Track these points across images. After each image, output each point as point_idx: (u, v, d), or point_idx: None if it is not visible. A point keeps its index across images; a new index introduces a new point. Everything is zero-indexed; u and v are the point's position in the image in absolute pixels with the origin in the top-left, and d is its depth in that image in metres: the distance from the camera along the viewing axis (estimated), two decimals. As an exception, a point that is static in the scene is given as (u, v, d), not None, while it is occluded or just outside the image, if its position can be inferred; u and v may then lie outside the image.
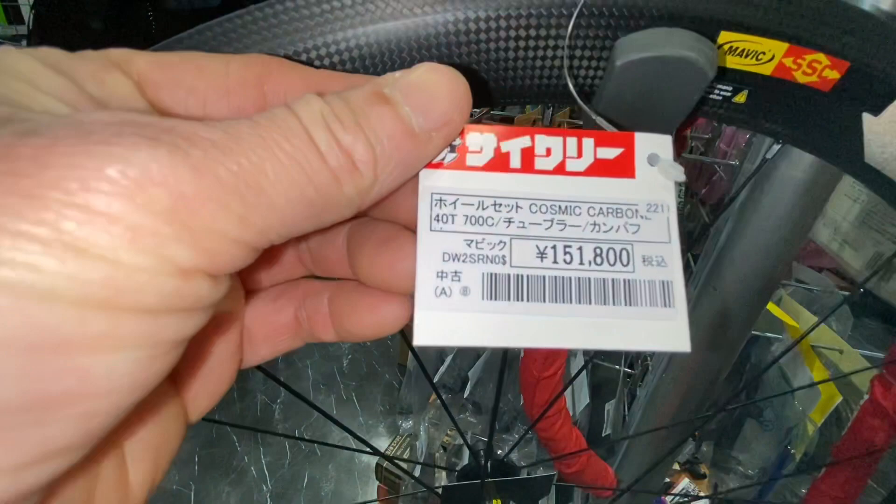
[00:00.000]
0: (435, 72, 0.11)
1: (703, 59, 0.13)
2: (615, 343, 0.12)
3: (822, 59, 0.16)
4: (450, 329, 0.12)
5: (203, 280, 0.09)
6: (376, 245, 0.13)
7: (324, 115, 0.10)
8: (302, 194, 0.09)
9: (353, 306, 0.13)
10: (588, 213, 0.13)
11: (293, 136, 0.09)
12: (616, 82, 0.14)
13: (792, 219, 0.36)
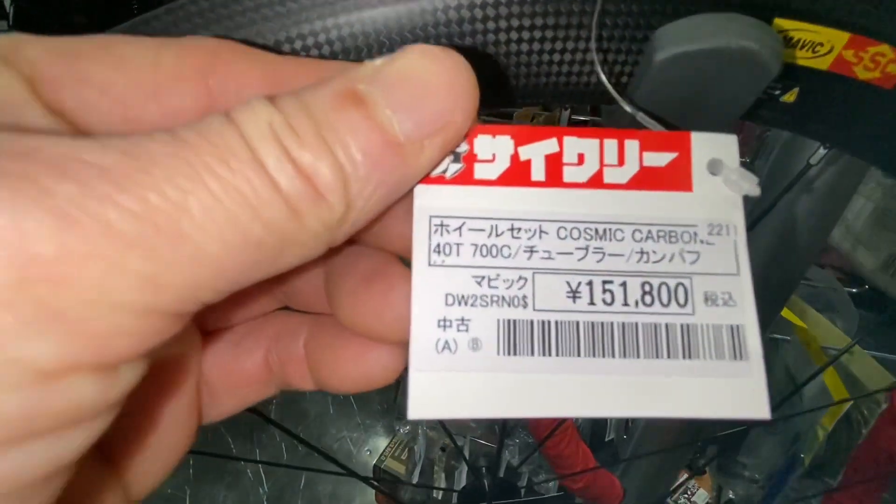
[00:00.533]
0: (427, 57, 0.08)
1: (767, 51, 0.11)
2: (671, 409, 0.09)
3: (886, 52, 0.14)
4: (455, 396, 0.09)
5: (84, 379, 0.06)
6: (360, 282, 0.10)
7: (275, 127, 0.07)
8: (245, 236, 0.07)
9: (334, 353, 0.11)
10: (633, 238, 0.10)
11: (232, 157, 0.07)
12: (652, 81, 0.12)
13: (811, 221, 0.34)
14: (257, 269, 0.08)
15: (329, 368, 0.11)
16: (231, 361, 0.12)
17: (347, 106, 0.08)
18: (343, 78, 0.08)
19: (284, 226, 0.07)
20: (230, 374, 0.12)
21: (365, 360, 0.11)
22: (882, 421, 0.41)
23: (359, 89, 0.08)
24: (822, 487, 0.58)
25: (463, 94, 0.09)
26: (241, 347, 0.12)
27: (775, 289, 0.38)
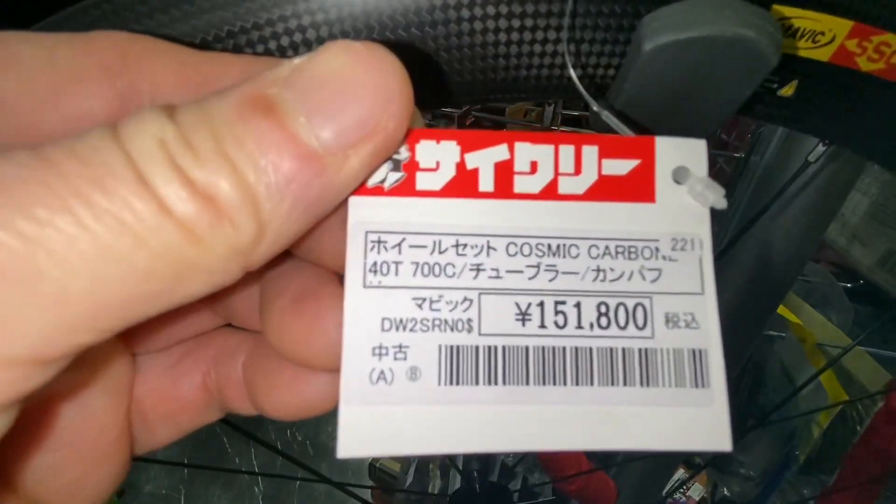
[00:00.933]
0: (348, 55, 0.07)
1: (766, 40, 0.10)
2: (626, 442, 0.09)
3: (892, 42, 0.13)
4: (392, 431, 0.08)
5: None
6: (290, 302, 0.09)
7: (167, 142, 0.06)
8: (127, 268, 0.06)
9: (269, 378, 0.10)
10: (589, 255, 0.09)
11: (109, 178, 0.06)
12: (641, 73, 0.11)
13: (809, 220, 0.34)
14: (153, 301, 0.07)
15: (263, 394, 0.10)
16: (166, 386, 0.11)
17: (255, 114, 0.07)
18: (253, 81, 0.07)
19: (181, 252, 0.07)
20: (165, 400, 0.11)
21: (301, 387, 0.10)
22: (878, 420, 0.41)
23: (269, 94, 0.07)
24: (817, 484, 0.58)
25: (393, 96, 0.08)
26: (178, 370, 0.11)
27: (771, 288, 0.37)
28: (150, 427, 0.11)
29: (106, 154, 0.06)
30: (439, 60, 0.12)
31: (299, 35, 0.11)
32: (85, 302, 0.06)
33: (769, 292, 0.38)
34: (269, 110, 0.07)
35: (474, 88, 0.12)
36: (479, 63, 0.12)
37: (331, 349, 0.09)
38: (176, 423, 0.11)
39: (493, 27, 0.12)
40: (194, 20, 0.11)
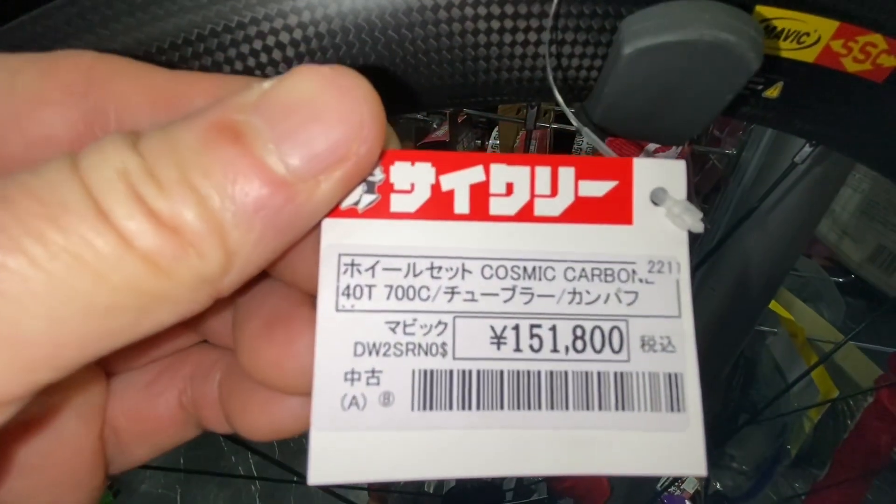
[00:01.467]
0: (317, 79, 0.07)
1: (746, 43, 0.10)
2: (602, 466, 0.09)
3: (878, 42, 0.12)
4: (364, 457, 0.08)
5: None
6: (262, 326, 0.09)
7: (128, 174, 0.06)
8: (88, 307, 0.06)
9: (242, 399, 0.10)
10: (565, 278, 0.09)
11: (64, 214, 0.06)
12: (620, 77, 0.10)
13: (799, 217, 0.34)
14: (116, 336, 0.07)
15: (237, 415, 0.10)
16: (141, 405, 0.11)
17: (222, 142, 0.07)
18: (220, 107, 0.07)
19: (146, 285, 0.07)
20: (140, 420, 0.11)
21: (273, 410, 0.10)
22: (867, 415, 0.41)
23: (236, 121, 0.07)
24: (808, 478, 0.58)
25: (364, 121, 0.07)
26: (153, 389, 0.11)
27: (761, 285, 0.37)
28: (125, 447, 0.11)
29: (63, 189, 0.06)
30: (418, 63, 0.12)
31: (285, 35, 0.11)
32: (42, 342, 0.06)
33: (760, 289, 0.38)
34: (237, 137, 0.07)
35: (454, 91, 0.12)
36: (458, 66, 0.12)
37: (302, 374, 0.09)
38: (152, 443, 0.11)
39: (473, 29, 0.11)
40: (175, 19, 0.11)
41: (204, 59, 0.11)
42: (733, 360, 0.42)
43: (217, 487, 1.16)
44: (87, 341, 0.07)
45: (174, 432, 0.11)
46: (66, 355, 0.06)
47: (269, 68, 0.11)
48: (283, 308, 0.09)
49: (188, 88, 0.08)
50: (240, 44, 0.11)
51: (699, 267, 0.41)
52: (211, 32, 0.11)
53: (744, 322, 0.40)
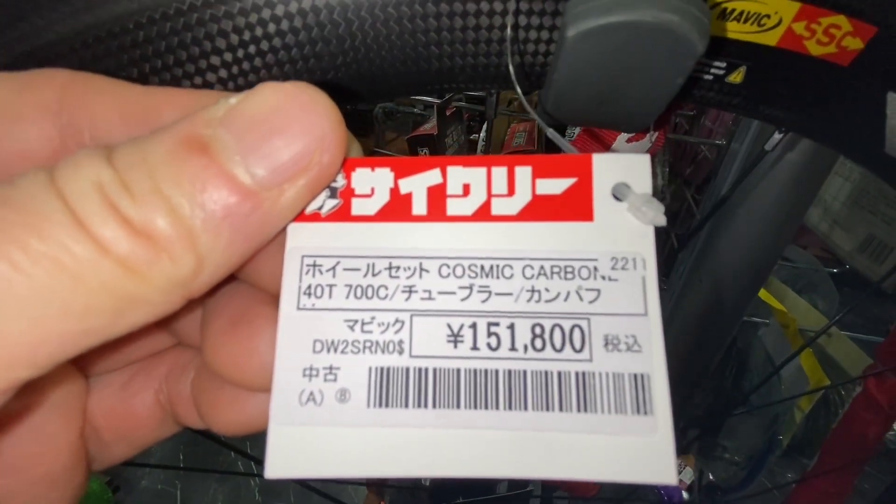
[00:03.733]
0: (282, 96, 0.08)
1: (690, 25, 0.09)
2: (561, 471, 0.08)
3: (842, 24, 0.12)
4: (320, 453, 0.08)
5: None
6: (226, 324, 0.09)
7: (102, 185, 0.07)
8: (65, 308, 0.07)
9: (214, 396, 0.10)
10: (523, 275, 0.09)
11: (46, 224, 0.06)
12: (569, 61, 0.10)
13: (785, 205, 0.34)
14: (93, 334, 0.07)
15: (208, 411, 0.10)
16: (119, 404, 0.11)
17: (190, 154, 0.07)
18: (189, 121, 0.08)
19: (122, 287, 0.07)
20: (120, 418, 0.11)
21: (240, 406, 0.10)
22: (856, 404, 0.41)
23: (203, 135, 0.07)
24: (800, 468, 0.59)
25: (325, 132, 0.08)
26: (130, 389, 0.11)
27: (749, 275, 0.37)
28: (106, 445, 0.11)
29: (42, 199, 0.07)
30: (376, 51, 0.12)
31: (247, 32, 0.11)
32: (23, 341, 0.06)
33: (748, 279, 0.38)
34: (204, 150, 0.07)
35: (409, 80, 0.12)
36: (415, 52, 0.12)
37: (263, 370, 0.09)
38: (132, 440, 0.11)
39: (434, 13, 0.11)
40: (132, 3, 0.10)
41: (156, 45, 0.11)
42: (723, 350, 0.42)
43: (217, 483, 1.16)
44: (65, 340, 0.07)
45: (152, 429, 0.11)
46: (45, 353, 0.07)
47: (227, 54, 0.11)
48: (247, 307, 0.10)
49: (158, 103, 0.09)
50: (193, 28, 0.11)
51: (673, 255, 0.41)
52: (162, 16, 0.10)
53: (733, 312, 0.40)
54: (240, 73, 0.11)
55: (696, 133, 0.67)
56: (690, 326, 0.43)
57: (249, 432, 0.10)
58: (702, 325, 0.42)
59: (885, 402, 0.38)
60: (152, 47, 0.11)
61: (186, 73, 0.11)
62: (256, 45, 0.11)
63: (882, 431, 0.40)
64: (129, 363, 0.12)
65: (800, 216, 0.34)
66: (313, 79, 0.12)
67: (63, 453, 0.10)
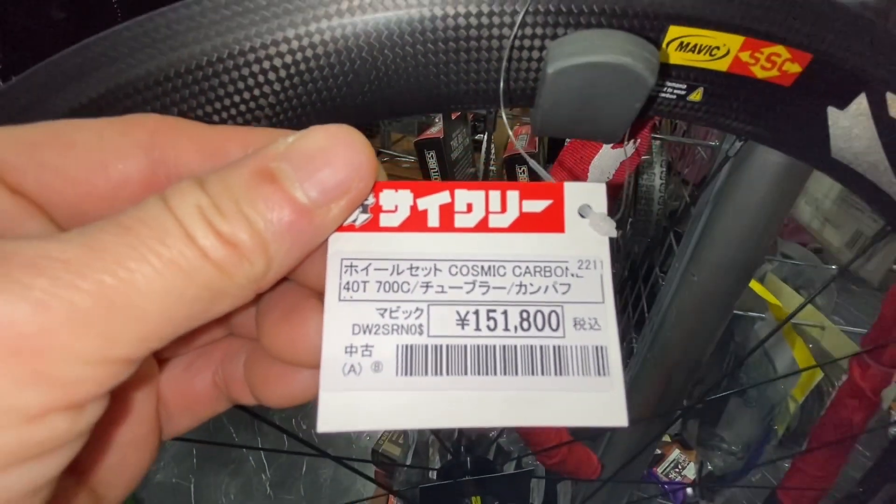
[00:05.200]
0: (329, 137, 0.10)
1: (642, 64, 0.12)
2: (544, 419, 0.11)
3: (781, 52, 0.15)
4: (360, 411, 0.11)
5: (60, 417, 0.08)
6: (280, 315, 0.12)
7: (201, 207, 0.09)
8: (181, 297, 0.09)
9: (265, 374, 0.12)
10: (513, 273, 0.12)
11: (168, 237, 0.09)
12: (549, 90, 0.13)
13: (770, 202, 0.36)
14: (196, 318, 0.09)
15: (260, 387, 0.13)
16: (184, 383, 0.13)
17: (262, 182, 0.10)
18: (259, 156, 0.10)
19: (216, 284, 0.09)
20: (183, 395, 0.13)
21: (288, 381, 0.12)
22: (842, 391, 0.43)
23: (272, 167, 0.10)
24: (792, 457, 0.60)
25: (361, 164, 0.10)
26: (192, 370, 0.14)
27: (737, 269, 0.39)
28: (173, 417, 0.13)
29: (163, 220, 0.09)
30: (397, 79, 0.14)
31: (290, 57, 0.13)
32: (156, 321, 0.09)
33: (737, 273, 0.40)
34: (273, 178, 0.10)
35: (421, 102, 0.14)
36: (426, 80, 0.14)
37: (311, 350, 0.11)
38: (193, 413, 0.14)
39: (444, 49, 0.14)
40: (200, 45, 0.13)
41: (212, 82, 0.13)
42: (716, 341, 0.44)
43: (229, 477, 1.19)
44: (180, 320, 0.09)
45: (210, 405, 0.14)
46: (167, 330, 0.09)
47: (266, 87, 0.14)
48: (296, 301, 0.12)
49: (226, 140, 0.11)
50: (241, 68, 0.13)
51: (672, 252, 0.43)
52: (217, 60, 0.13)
53: (723, 305, 0.42)
54: (286, 99, 0.14)
55: (694, 135, 0.69)
56: (685, 319, 0.44)
57: (294, 404, 0.12)
58: (695, 317, 0.44)
59: (869, 390, 0.40)
60: (219, 81, 0.13)
61: (243, 100, 0.14)
62: (301, 77, 0.14)
63: (867, 417, 0.42)
64: (192, 350, 0.14)
65: (783, 214, 0.36)
66: (345, 102, 0.14)
67: (144, 422, 0.12)
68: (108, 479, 0.12)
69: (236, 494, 1.16)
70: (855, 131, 0.16)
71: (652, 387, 0.49)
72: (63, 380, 0.08)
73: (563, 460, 0.42)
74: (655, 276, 0.61)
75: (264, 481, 1.18)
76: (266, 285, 0.10)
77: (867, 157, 0.17)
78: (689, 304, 0.43)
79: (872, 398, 0.40)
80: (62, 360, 0.08)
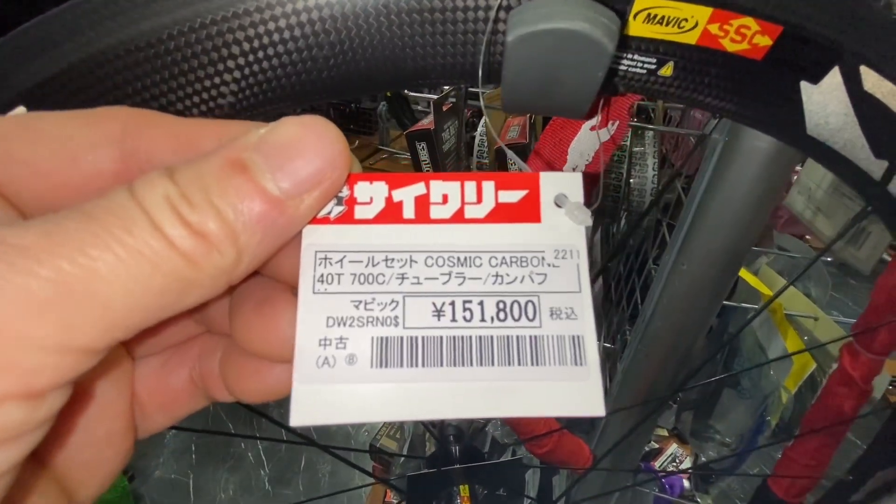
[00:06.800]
0: (301, 128, 0.10)
1: (600, 30, 0.12)
2: (522, 409, 0.11)
3: (751, 24, 0.14)
4: (333, 404, 0.11)
5: (15, 405, 0.08)
6: (253, 308, 0.12)
7: (170, 197, 0.09)
8: (147, 286, 0.09)
9: (239, 369, 0.12)
10: (489, 264, 0.12)
11: (134, 226, 0.09)
12: (511, 59, 0.13)
13: (758, 190, 0.36)
14: (164, 308, 0.09)
15: (235, 382, 0.13)
16: (159, 381, 0.13)
17: (234, 172, 0.10)
18: (231, 147, 0.10)
19: (184, 274, 0.09)
20: (159, 392, 0.13)
21: (262, 376, 0.12)
22: (833, 380, 0.43)
23: (243, 157, 0.10)
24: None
25: (334, 155, 0.10)
26: (167, 368, 0.13)
27: (726, 259, 0.39)
28: (149, 416, 0.13)
29: (129, 209, 0.09)
30: (363, 53, 0.14)
31: (253, 30, 0.13)
32: (120, 310, 0.09)
33: (725, 263, 0.40)
34: (243, 169, 0.10)
35: (388, 77, 0.14)
36: (392, 54, 0.14)
37: (284, 343, 0.11)
38: (169, 411, 0.14)
39: (408, 21, 0.13)
40: (164, 17, 0.13)
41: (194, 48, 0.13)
42: (706, 330, 0.44)
43: (228, 473, 1.19)
44: (147, 311, 0.09)
45: (186, 402, 0.14)
46: (133, 320, 0.09)
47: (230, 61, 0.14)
48: (269, 294, 0.12)
49: (198, 132, 0.11)
50: (225, 34, 0.13)
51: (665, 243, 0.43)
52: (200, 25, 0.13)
53: (712, 294, 0.42)
54: (251, 74, 0.14)
55: (687, 124, 0.69)
56: (675, 309, 0.45)
57: (269, 399, 0.12)
58: (685, 307, 0.44)
59: (859, 377, 0.40)
60: (181, 55, 0.13)
61: (208, 75, 0.14)
62: (265, 52, 0.13)
63: (857, 405, 0.42)
64: (167, 347, 0.14)
65: (771, 201, 0.36)
66: (310, 77, 0.14)
67: (118, 418, 0.12)
68: (81, 476, 0.12)
69: (235, 490, 1.17)
70: (830, 107, 0.16)
71: (644, 377, 0.49)
72: (19, 368, 0.08)
73: (553, 450, 0.42)
74: (649, 269, 0.61)
75: (263, 477, 1.19)
76: (238, 277, 0.10)
77: (843, 133, 0.17)
78: (678, 294, 0.43)
79: (863, 386, 0.40)
80: (18, 347, 0.08)
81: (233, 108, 0.14)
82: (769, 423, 0.63)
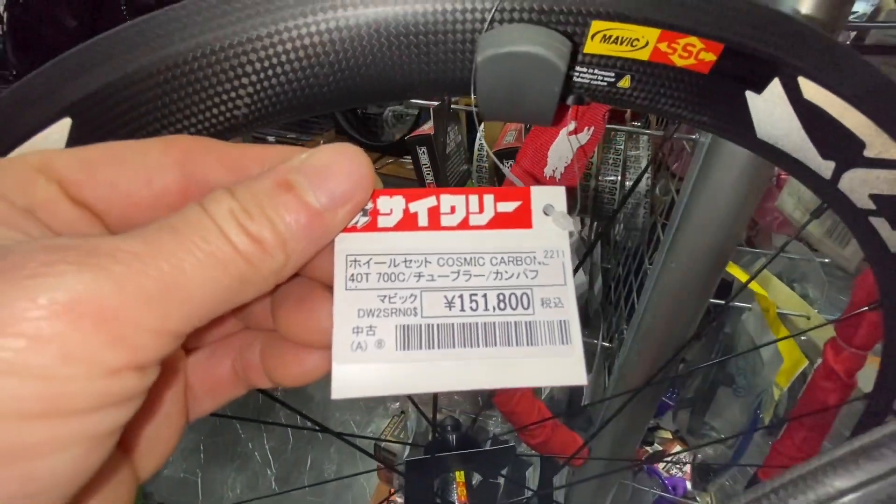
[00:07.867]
0: (336, 153, 0.12)
1: (553, 53, 0.14)
2: (519, 380, 0.13)
3: (695, 43, 0.16)
4: (366, 380, 0.13)
5: (130, 374, 0.10)
6: (294, 303, 0.14)
7: (233, 211, 0.11)
8: (218, 283, 0.11)
9: (280, 358, 0.15)
10: (491, 263, 0.14)
11: (208, 234, 0.11)
12: (482, 77, 0.15)
13: (740, 189, 0.37)
14: (228, 301, 0.11)
15: (276, 369, 0.15)
16: (206, 370, 0.16)
17: (282, 191, 0.12)
18: (279, 170, 0.12)
19: (245, 273, 0.11)
20: (206, 380, 0.16)
21: (302, 362, 0.14)
22: (817, 374, 0.44)
23: (289, 179, 0.12)
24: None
25: (362, 175, 0.13)
26: (213, 359, 0.16)
27: (713, 257, 0.41)
28: (198, 400, 0.16)
29: (203, 221, 0.11)
30: (358, 69, 0.16)
31: (264, 52, 0.15)
32: (199, 301, 0.11)
33: (712, 260, 0.41)
34: (290, 188, 0.12)
35: (380, 90, 0.17)
36: (384, 71, 0.16)
37: (322, 332, 0.13)
38: (215, 396, 0.16)
39: (398, 44, 0.16)
40: (189, 42, 0.15)
41: (226, 64, 0.15)
42: (695, 326, 0.46)
43: (235, 472, 1.21)
44: (216, 303, 0.11)
45: (230, 389, 0.16)
46: (206, 310, 0.11)
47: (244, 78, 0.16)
48: (307, 292, 0.14)
49: (244, 156, 0.13)
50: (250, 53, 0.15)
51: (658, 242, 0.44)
52: (228, 46, 0.15)
53: (699, 290, 0.43)
54: (262, 90, 0.16)
55: (681, 130, 0.71)
56: (665, 305, 0.46)
57: (307, 382, 0.14)
58: (674, 303, 0.45)
59: (843, 372, 0.42)
60: (203, 73, 0.15)
61: (226, 90, 0.16)
62: (273, 70, 0.16)
63: (841, 399, 0.43)
64: (212, 342, 0.16)
65: (753, 200, 0.38)
66: (312, 91, 0.17)
67: (174, 400, 0.14)
68: (145, 449, 0.14)
69: (242, 489, 1.19)
70: (775, 114, 0.18)
71: (637, 372, 0.51)
72: (134, 345, 0.10)
73: (547, 441, 0.43)
74: (645, 271, 0.63)
75: (269, 476, 1.21)
76: (284, 277, 0.12)
77: (791, 137, 0.18)
78: (668, 291, 0.44)
79: (846, 380, 0.42)
80: (133, 329, 0.10)
81: (246, 119, 0.17)
82: (763, 419, 0.64)
